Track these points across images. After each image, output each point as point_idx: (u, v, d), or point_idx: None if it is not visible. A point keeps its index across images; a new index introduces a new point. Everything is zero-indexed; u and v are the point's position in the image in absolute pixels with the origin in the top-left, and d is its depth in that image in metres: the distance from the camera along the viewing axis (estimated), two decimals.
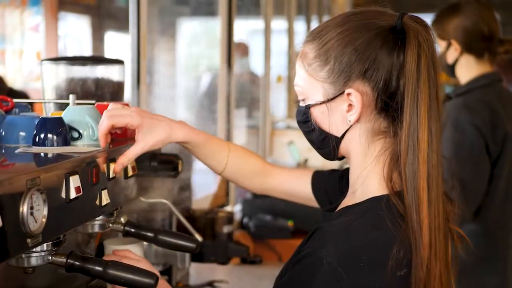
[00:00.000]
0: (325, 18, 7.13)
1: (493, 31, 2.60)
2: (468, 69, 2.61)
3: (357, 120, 1.32)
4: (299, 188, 1.75)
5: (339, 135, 1.35)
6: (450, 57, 2.61)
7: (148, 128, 1.52)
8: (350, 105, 1.31)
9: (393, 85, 1.29)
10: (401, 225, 1.25)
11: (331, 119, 1.34)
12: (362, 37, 1.30)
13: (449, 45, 2.60)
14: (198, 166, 2.19)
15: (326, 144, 1.37)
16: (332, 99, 1.32)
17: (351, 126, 1.33)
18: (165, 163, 1.77)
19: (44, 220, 1.18)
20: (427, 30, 1.30)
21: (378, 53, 1.29)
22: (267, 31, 4.95)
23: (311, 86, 1.35)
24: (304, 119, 1.38)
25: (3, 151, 1.45)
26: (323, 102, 1.34)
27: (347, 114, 1.32)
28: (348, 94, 1.30)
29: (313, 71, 1.34)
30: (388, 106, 1.30)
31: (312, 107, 1.35)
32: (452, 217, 1.35)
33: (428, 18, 1.39)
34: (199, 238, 1.82)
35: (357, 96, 1.30)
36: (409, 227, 1.25)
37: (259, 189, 1.80)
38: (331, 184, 1.69)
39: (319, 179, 1.72)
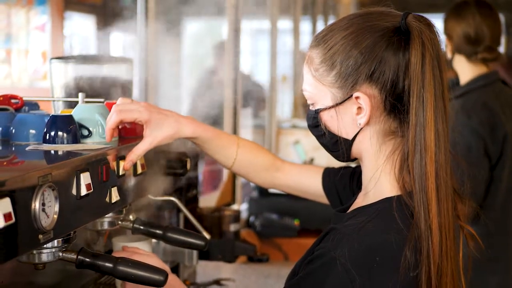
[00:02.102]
0: (331, 18, 7.14)
1: (480, 36, 2.62)
2: (462, 68, 2.67)
3: (367, 123, 1.32)
4: (309, 184, 1.75)
5: (349, 138, 1.35)
6: (448, 53, 2.70)
7: (156, 124, 1.52)
8: (359, 108, 1.31)
9: (400, 86, 1.29)
10: (412, 226, 1.25)
11: (340, 123, 1.34)
12: (367, 40, 1.30)
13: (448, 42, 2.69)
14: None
15: (338, 147, 1.37)
16: (341, 103, 1.33)
17: (361, 128, 1.33)
18: (174, 161, 1.78)
19: (55, 216, 1.19)
20: (431, 29, 1.30)
21: (383, 55, 1.29)
22: (273, 31, 4.96)
23: (319, 91, 1.36)
24: (315, 123, 1.38)
25: (13, 148, 1.46)
26: (332, 107, 1.34)
27: (357, 117, 1.32)
28: (357, 98, 1.31)
29: (320, 76, 1.35)
30: (396, 106, 1.30)
31: (321, 111, 1.36)
32: (462, 215, 1.35)
33: (433, 18, 1.39)
34: (207, 235, 1.82)
35: (365, 99, 1.30)
36: (418, 228, 1.25)
37: (268, 184, 1.80)
38: (341, 181, 1.69)
39: (330, 176, 1.73)
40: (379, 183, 1.34)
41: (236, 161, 1.71)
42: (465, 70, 2.66)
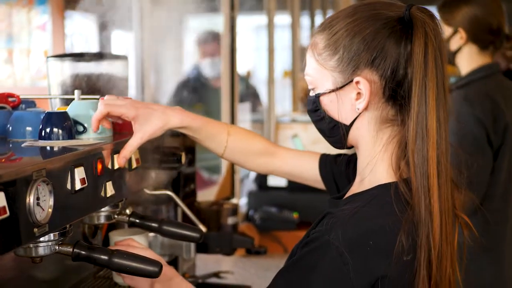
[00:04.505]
0: (329, 13, 7.14)
1: (501, 24, 2.61)
2: (469, 59, 2.63)
3: (366, 108, 1.35)
4: (305, 170, 1.78)
5: (348, 123, 1.38)
6: (454, 44, 2.63)
7: (144, 118, 1.55)
8: (358, 93, 1.35)
9: (400, 74, 1.32)
10: (408, 212, 1.29)
11: (340, 107, 1.38)
12: (370, 27, 1.34)
13: (455, 32, 2.62)
14: None
15: (335, 132, 1.40)
16: (341, 87, 1.36)
17: (359, 114, 1.37)
18: (168, 155, 1.81)
19: (50, 210, 1.22)
20: (434, 20, 1.33)
21: (386, 43, 1.32)
22: (271, 27, 4.98)
23: (321, 75, 1.39)
24: (314, 107, 1.42)
25: (10, 145, 1.49)
26: (333, 91, 1.37)
27: (356, 102, 1.36)
28: (357, 83, 1.34)
29: (323, 60, 1.38)
30: (395, 94, 1.34)
31: (322, 95, 1.39)
32: (459, 204, 1.38)
33: (434, 10, 1.43)
34: (203, 228, 1.85)
35: (365, 84, 1.34)
36: (416, 213, 1.28)
37: (263, 170, 1.82)
38: (338, 168, 1.72)
39: (327, 162, 1.75)
40: (375, 170, 1.37)
41: (227, 149, 1.73)
42: (471, 61, 2.62)
